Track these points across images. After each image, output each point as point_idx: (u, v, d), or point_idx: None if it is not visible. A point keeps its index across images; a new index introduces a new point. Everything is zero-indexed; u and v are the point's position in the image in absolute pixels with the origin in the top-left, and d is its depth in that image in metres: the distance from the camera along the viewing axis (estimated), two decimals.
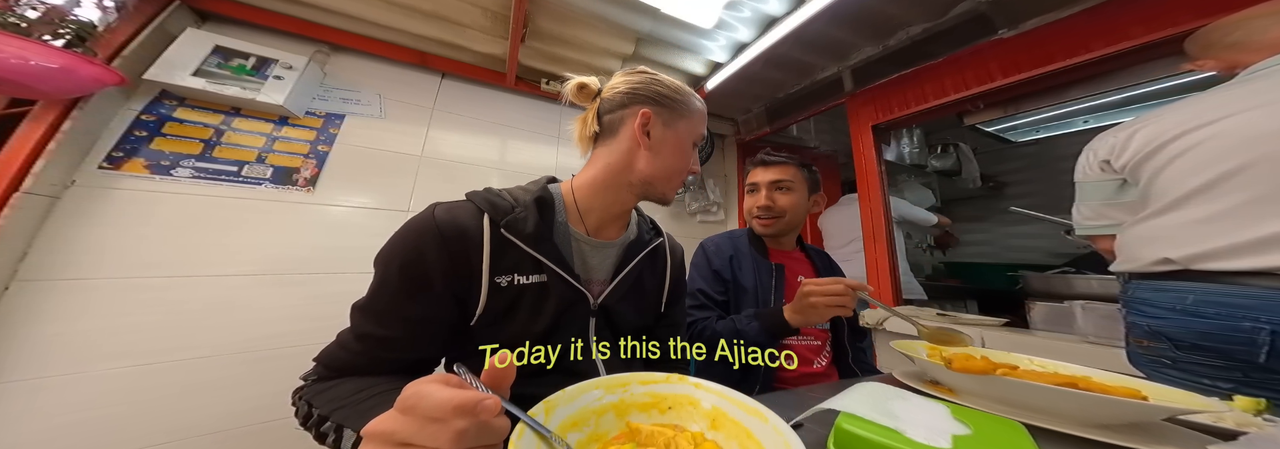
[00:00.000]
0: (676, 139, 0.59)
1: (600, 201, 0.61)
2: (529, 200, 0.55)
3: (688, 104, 0.61)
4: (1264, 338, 0.59)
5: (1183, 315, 0.67)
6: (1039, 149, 2.70)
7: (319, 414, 0.41)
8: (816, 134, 2.59)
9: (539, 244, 0.53)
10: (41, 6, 0.97)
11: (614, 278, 0.61)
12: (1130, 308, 0.77)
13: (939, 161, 2.75)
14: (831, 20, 1.37)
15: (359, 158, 1.46)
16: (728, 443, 0.34)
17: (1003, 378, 0.45)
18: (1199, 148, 0.69)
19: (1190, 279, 0.68)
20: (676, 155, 0.60)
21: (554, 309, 0.54)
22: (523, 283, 0.52)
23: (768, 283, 0.95)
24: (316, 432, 0.41)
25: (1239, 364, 0.62)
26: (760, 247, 1.02)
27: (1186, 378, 0.67)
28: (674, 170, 0.60)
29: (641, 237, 0.68)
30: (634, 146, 0.58)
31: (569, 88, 0.61)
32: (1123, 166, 0.80)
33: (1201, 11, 0.99)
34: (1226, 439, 0.38)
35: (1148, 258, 0.73)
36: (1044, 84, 1.35)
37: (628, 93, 0.59)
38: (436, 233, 0.49)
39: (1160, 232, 0.73)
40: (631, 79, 0.60)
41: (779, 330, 0.77)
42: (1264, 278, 0.61)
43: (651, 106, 0.58)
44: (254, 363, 1.16)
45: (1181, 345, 0.68)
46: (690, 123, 0.61)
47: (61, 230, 1.03)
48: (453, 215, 0.51)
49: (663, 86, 0.60)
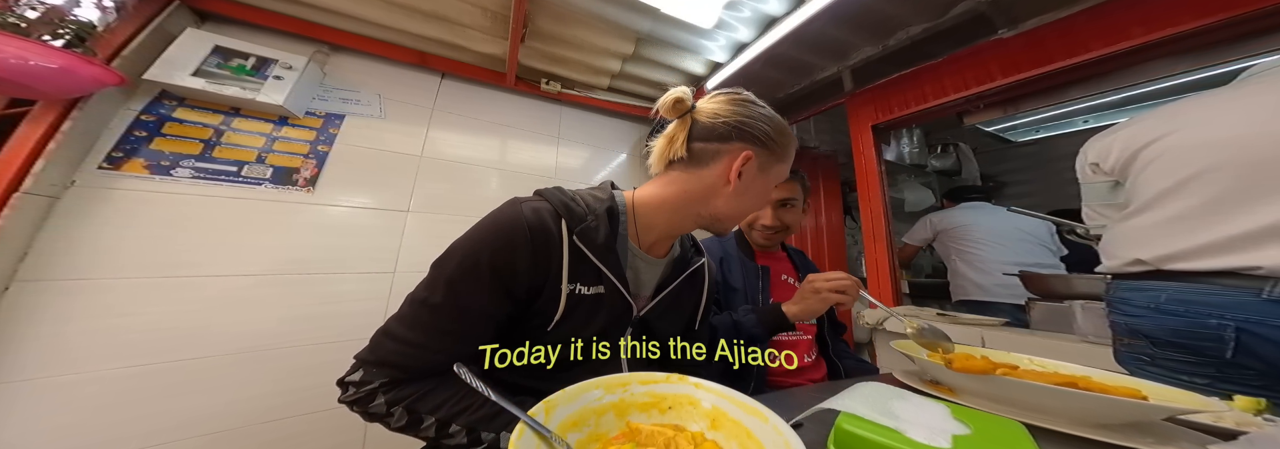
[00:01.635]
0: (765, 184, 0.57)
1: (663, 222, 0.58)
2: (602, 210, 0.54)
3: (787, 148, 0.57)
4: (1229, 335, 0.62)
5: (1157, 314, 0.70)
6: (1039, 149, 2.71)
7: (438, 419, 0.44)
8: (816, 134, 2.59)
9: (604, 255, 0.52)
10: (41, 6, 0.97)
11: (657, 294, 0.61)
12: (1112, 307, 0.80)
13: (939, 161, 2.75)
14: (831, 20, 1.37)
15: (359, 158, 1.46)
16: (728, 443, 0.34)
17: (1003, 378, 0.45)
18: (1169, 152, 0.72)
19: (1162, 279, 0.71)
20: (759, 199, 0.58)
21: (605, 318, 0.54)
22: (583, 293, 0.51)
23: (755, 283, 0.99)
24: (439, 434, 0.44)
25: (1211, 360, 0.65)
26: (747, 249, 1.06)
27: (1165, 374, 0.70)
28: (749, 211, 0.59)
29: (686, 255, 0.67)
30: (721, 183, 0.54)
31: (665, 102, 0.54)
32: (1111, 168, 0.83)
33: (1202, 11, 1.00)
34: (1226, 439, 0.38)
35: (1124, 258, 0.77)
36: (1044, 84, 1.35)
37: (735, 126, 0.53)
38: (526, 231, 0.48)
39: (1134, 233, 0.76)
40: (738, 110, 0.54)
41: (776, 324, 0.78)
42: (1227, 277, 0.64)
43: (755, 147, 0.54)
44: (254, 363, 1.16)
45: (1158, 343, 0.71)
46: (781, 170, 0.58)
47: (61, 230, 1.03)
48: (539, 216, 0.49)
49: (770, 126, 0.55)
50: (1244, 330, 0.61)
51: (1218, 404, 0.42)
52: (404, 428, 0.45)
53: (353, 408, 0.46)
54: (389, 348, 0.46)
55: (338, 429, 1.21)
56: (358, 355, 0.48)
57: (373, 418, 0.46)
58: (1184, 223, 0.68)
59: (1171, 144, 0.72)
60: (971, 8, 1.35)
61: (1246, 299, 0.61)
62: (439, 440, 0.45)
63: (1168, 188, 0.71)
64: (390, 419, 0.45)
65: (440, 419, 0.44)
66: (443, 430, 0.44)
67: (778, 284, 1.04)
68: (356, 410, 0.46)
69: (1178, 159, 0.70)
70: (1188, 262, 0.67)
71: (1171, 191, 0.70)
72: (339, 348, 1.26)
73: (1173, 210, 0.70)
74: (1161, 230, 0.71)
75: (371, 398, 0.45)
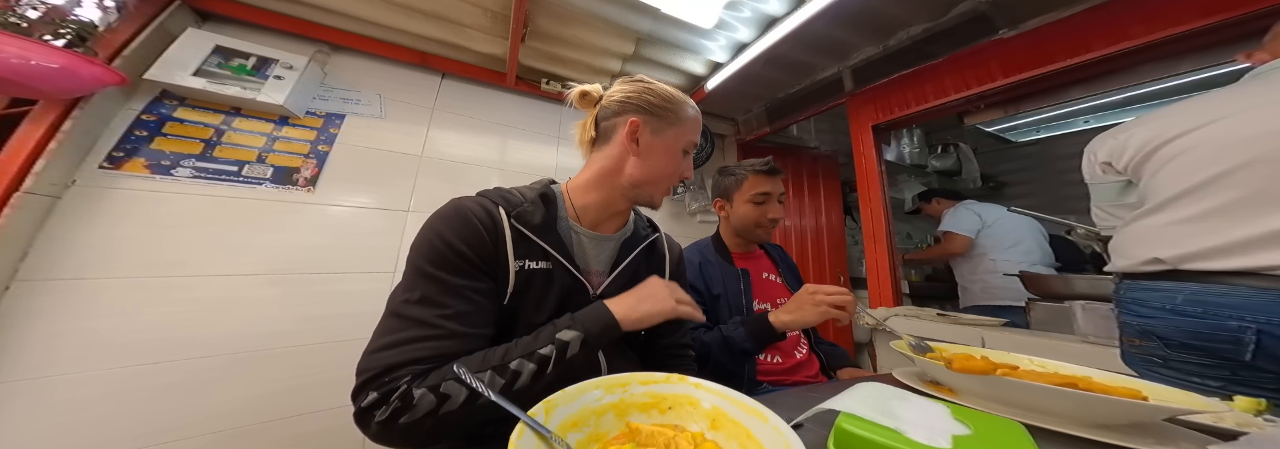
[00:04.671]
0: (664, 146, 0.62)
1: (595, 201, 0.64)
2: (534, 196, 0.59)
3: (677, 112, 0.63)
4: (1250, 337, 0.60)
5: (1172, 315, 0.68)
6: (1039, 149, 2.71)
7: (492, 365, 0.44)
8: (816, 134, 2.59)
9: (544, 234, 0.57)
10: (42, 6, 0.97)
11: (613, 270, 0.64)
12: (1123, 307, 0.78)
13: (939, 161, 2.75)
14: (831, 20, 1.37)
15: (359, 158, 1.46)
16: (728, 443, 0.34)
17: (1003, 378, 0.45)
18: (1194, 149, 0.69)
19: (1179, 279, 0.69)
20: (664, 161, 0.62)
21: (557, 295, 0.57)
22: (532, 267, 0.55)
23: (736, 287, 0.99)
24: (507, 377, 0.44)
25: (1227, 362, 0.63)
26: (725, 254, 1.06)
27: (1177, 376, 0.68)
28: (661, 175, 0.62)
29: (639, 232, 0.71)
30: (624, 153, 0.62)
31: (573, 95, 0.65)
32: (1125, 167, 0.81)
33: (1203, 11, 1.00)
34: (1226, 439, 0.38)
35: (1139, 257, 0.74)
36: (1044, 84, 1.35)
37: (621, 101, 0.62)
38: (472, 215, 0.52)
39: (1151, 232, 0.74)
40: (626, 88, 0.63)
41: (766, 336, 0.78)
42: (1250, 277, 0.61)
43: (641, 115, 0.61)
44: (254, 363, 1.16)
45: (1171, 344, 0.69)
46: (679, 130, 0.63)
47: (62, 230, 1.03)
48: (480, 204, 0.54)
49: (654, 96, 0.62)
50: (1265, 332, 0.59)
51: (1218, 404, 0.42)
52: (464, 403, 0.42)
53: (395, 424, 0.41)
54: (395, 351, 0.44)
55: (338, 429, 1.22)
56: (358, 381, 0.44)
57: (422, 418, 0.41)
58: (1209, 221, 0.66)
59: (1194, 141, 0.69)
60: (972, 8, 1.35)
61: (1269, 300, 0.59)
62: (511, 386, 0.43)
63: (1191, 186, 0.68)
64: (446, 400, 0.41)
65: (495, 365, 0.44)
66: (503, 373, 0.44)
67: (760, 283, 1.05)
68: (403, 423, 0.41)
69: (1203, 156, 0.68)
70: (1210, 261, 0.65)
71: (1196, 189, 0.68)
72: (339, 348, 1.26)
73: (1196, 208, 0.67)
74: (1183, 229, 0.69)
75: (408, 398, 0.41)
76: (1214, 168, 0.66)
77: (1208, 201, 0.66)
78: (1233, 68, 1.07)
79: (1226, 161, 0.65)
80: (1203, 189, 0.67)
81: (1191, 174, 0.69)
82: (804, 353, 1.01)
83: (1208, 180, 0.67)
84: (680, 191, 2.18)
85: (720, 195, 1.11)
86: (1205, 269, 0.65)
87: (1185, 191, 0.69)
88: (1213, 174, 0.66)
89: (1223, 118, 0.68)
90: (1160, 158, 0.74)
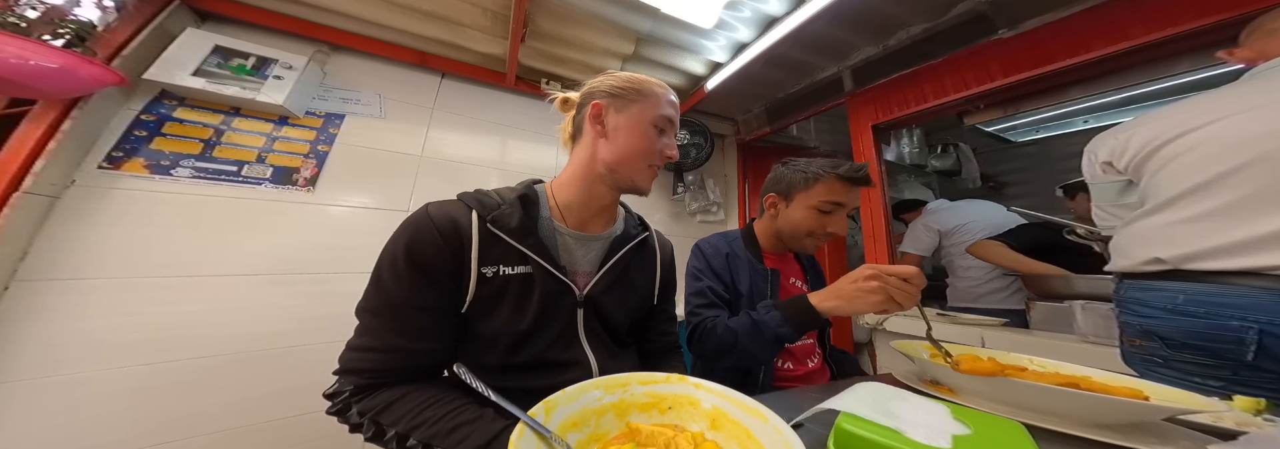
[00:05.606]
0: (630, 123, 0.61)
1: (578, 197, 0.63)
2: (513, 198, 0.58)
3: (639, 89, 0.62)
4: (1252, 337, 0.60)
5: (1173, 315, 0.68)
6: (1039, 149, 2.71)
7: (397, 432, 0.45)
8: (816, 134, 2.59)
9: (523, 238, 0.55)
10: (41, 6, 0.97)
11: (600, 270, 0.63)
12: (1123, 307, 0.78)
13: (939, 161, 2.75)
14: (831, 20, 1.37)
15: (359, 158, 1.46)
16: (728, 443, 0.34)
17: (1003, 378, 0.45)
18: (1196, 149, 0.69)
19: (1180, 279, 0.69)
20: (633, 138, 0.60)
21: (539, 299, 0.55)
22: (508, 273, 0.54)
23: (762, 287, 0.90)
24: (398, 447, 0.45)
25: (1228, 362, 0.63)
26: (756, 250, 0.96)
27: (1178, 376, 0.68)
28: (634, 153, 0.60)
29: (628, 231, 0.69)
30: (594, 138, 0.62)
31: (556, 104, 0.69)
32: (1125, 167, 0.80)
33: (1202, 11, 0.99)
34: (1226, 439, 0.38)
35: (1140, 257, 0.74)
36: (1044, 84, 1.35)
37: (586, 93, 0.64)
38: (431, 225, 0.51)
39: (1152, 231, 0.73)
40: (591, 81, 0.65)
41: (806, 319, 0.67)
42: (1252, 277, 0.61)
43: (603, 98, 0.62)
44: (254, 362, 1.16)
45: (1172, 344, 0.69)
46: (643, 106, 0.61)
47: (61, 230, 1.03)
48: (444, 210, 0.53)
49: (615, 80, 0.63)
50: (1267, 332, 0.58)
51: (1218, 404, 0.42)
52: (373, 439, 0.46)
53: (338, 421, 0.49)
54: (349, 356, 0.50)
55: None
56: (335, 370, 0.50)
57: (353, 429, 0.48)
58: (1211, 221, 0.65)
59: (1196, 141, 0.69)
60: (971, 8, 1.35)
61: (1272, 300, 0.59)
62: None
63: (1193, 185, 0.68)
64: (362, 431, 0.47)
65: (399, 433, 0.44)
66: (402, 444, 0.45)
67: (786, 288, 0.96)
68: (342, 423, 0.49)
69: (1205, 156, 0.67)
70: (1213, 261, 0.64)
71: (1197, 189, 0.67)
72: (339, 348, 1.24)
73: (1198, 208, 0.67)
74: (1185, 229, 0.68)
75: (347, 409, 0.47)
76: (1216, 167, 0.66)
77: (1209, 201, 0.66)
78: (1231, 68, 1.07)
79: (1228, 161, 0.65)
80: (1204, 189, 0.67)
81: (1193, 174, 0.68)
82: (816, 362, 0.93)
83: (1209, 180, 0.66)
84: (680, 191, 2.18)
85: (777, 190, 0.95)
86: (1207, 269, 0.65)
87: (1187, 191, 0.69)
88: (1214, 174, 0.66)
89: (1224, 117, 0.67)
90: (1161, 157, 0.73)
